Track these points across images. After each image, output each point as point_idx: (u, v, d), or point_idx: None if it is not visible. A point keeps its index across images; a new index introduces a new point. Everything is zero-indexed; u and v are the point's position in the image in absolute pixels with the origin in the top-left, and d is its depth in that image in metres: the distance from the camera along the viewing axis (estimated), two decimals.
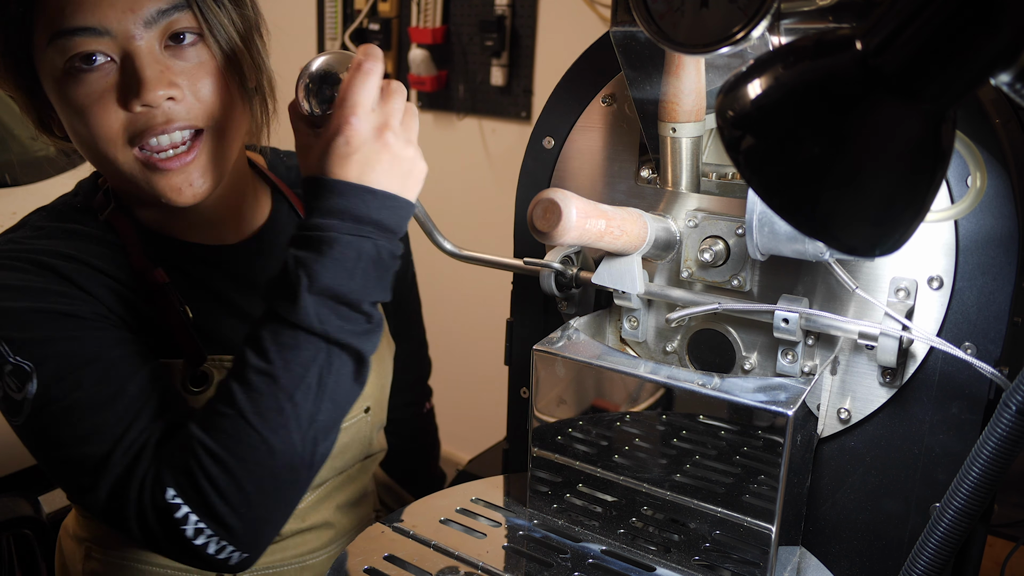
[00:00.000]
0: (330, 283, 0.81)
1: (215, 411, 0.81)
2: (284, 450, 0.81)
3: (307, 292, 0.80)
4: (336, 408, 0.84)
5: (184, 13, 0.90)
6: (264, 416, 0.80)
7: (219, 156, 0.95)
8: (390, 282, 0.86)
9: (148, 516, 0.81)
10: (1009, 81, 0.52)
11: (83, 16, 0.85)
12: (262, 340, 0.81)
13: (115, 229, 1.00)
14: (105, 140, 0.90)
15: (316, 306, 0.80)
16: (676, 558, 0.88)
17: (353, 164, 0.82)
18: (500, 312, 1.13)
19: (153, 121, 0.89)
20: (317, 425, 0.82)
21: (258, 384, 0.80)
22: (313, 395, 0.81)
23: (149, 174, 0.91)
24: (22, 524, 1.48)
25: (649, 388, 0.87)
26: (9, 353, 0.87)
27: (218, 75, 0.93)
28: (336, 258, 0.81)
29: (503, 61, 2.57)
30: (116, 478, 0.83)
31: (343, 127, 0.82)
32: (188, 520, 0.80)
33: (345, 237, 0.81)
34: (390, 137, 0.83)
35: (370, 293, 0.83)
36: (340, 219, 0.81)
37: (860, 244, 0.57)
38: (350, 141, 0.81)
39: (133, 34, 0.87)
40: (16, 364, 0.86)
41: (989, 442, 0.67)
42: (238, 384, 0.81)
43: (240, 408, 0.80)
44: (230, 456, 0.80)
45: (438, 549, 0.91)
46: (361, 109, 0.82)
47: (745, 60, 0.65)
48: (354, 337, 0.82)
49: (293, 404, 0.80)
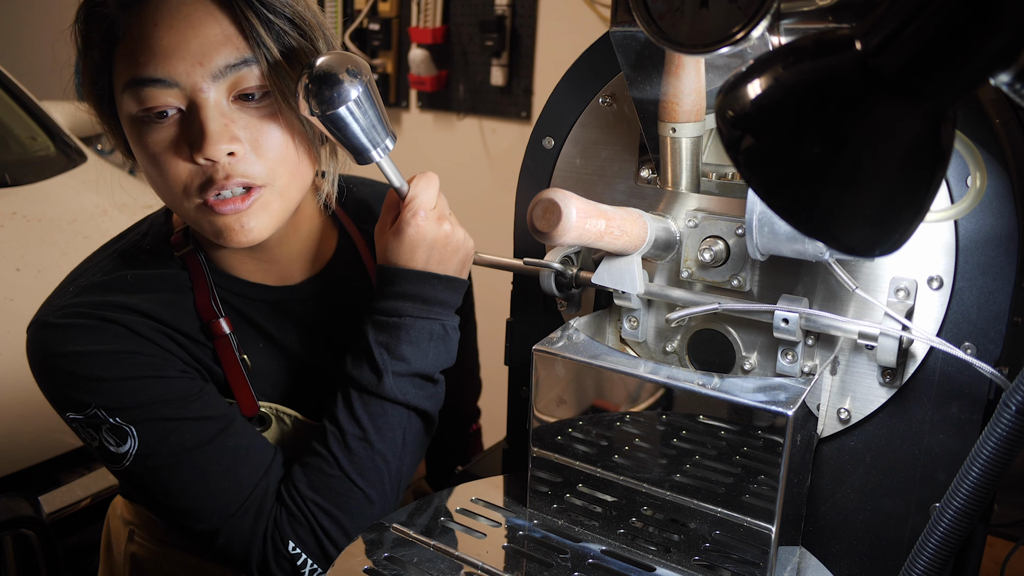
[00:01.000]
0: (409, 363, 0.99)
1: (323, 473, 0.99)
2: (379, 498, 1.00)
3: (391, 371, 0.98)
4: (414, 458, 1.03)
5: (252, 68, 0.92)
6: (365, 475, 0.99)
7: (277, 206, 0.98)
8: (455, 351, 1.03)
9: (270, 562, 0.99)
10: (1009, 81, 0.52)
11: (154, 68, 0.89)
12: (355, 410, 0.99)
13: (188, 269, 1.05)
14: (173, 188, 0.95)
15: (398, 382, 0.99)
16: (676, 558, 0.88)
17: (420, 254, 0.97)
18: (500, 312, 1.13)
19: (216, 175, 0.92)
20: (402, 474, 1.02)
21: (357, 449, 0.99)
22: (399, 451, 1.01)
23: (209, 217, 0.95)
24: (22, 524, 1.48)
25: (649, 388, 0.87)
26: (107, 417, 0.95)
27: (283, 131, 0.96)
28: (412, 340, 0.99)
29: (503, 61, 2.57)
30: (236, 531, 0.98)
31: (412, 221, 0.96)
32: (306, 564, 0.99)
33: (418, 321, 0.99)
34: (447, 227, 0.99)
35: (439, 364, 1.01)
36: (412, 302, 0.98)
37: (860, 244, 0.57)
38: (418, 234, 0.96)
39: (200, 87, 0.90)
40: (115, 424, 0.95)
41: (989, 442, 0.67)
42: (340, 449, 0.99)
43: (345, 471, 0.99)
44: (339, 511, 0.99)
45: (438, 549, 0.91)
46: (426, 207, 0.97)
47: (745, 60, 0.65)
48: (426, 401, 1.02)
49: (386, 462, 1.00)
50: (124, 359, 0.96)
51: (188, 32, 0.89)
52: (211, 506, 0.97)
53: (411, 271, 0.98)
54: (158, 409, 0.96)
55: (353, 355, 1.01)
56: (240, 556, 0.99)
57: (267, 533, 0.98)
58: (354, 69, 0.89)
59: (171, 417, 0.96)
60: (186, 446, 0.96)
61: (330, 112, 0.88)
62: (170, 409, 0.96)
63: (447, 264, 1.00)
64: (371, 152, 0.94)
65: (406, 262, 0.98)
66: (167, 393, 0.96)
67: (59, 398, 0.98)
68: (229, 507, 0.97)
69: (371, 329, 1.00)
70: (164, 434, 0.96)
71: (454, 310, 1.02)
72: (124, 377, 0.95)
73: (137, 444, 0.95)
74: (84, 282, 1.02)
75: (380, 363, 0.98)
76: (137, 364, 0.96)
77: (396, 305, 0.99)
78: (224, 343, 1.03)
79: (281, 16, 0.94)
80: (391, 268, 0.99)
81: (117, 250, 1.07)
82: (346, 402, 1.00)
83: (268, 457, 1.01)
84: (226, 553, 0.99)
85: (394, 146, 0.96)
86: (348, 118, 0.90)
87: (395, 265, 0.99)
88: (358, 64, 0.90)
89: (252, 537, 0.98)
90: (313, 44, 0.97)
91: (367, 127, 0.92)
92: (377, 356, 0.98)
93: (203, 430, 0.97)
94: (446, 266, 1.00)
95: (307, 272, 1.12)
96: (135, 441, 0.95)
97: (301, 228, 1.09)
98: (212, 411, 0.99)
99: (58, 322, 0.97)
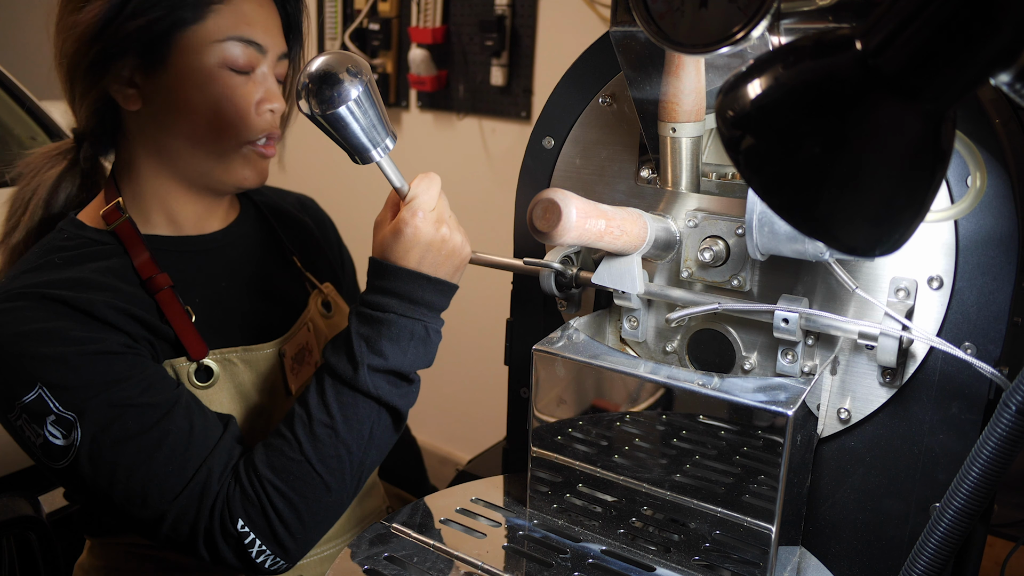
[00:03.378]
0: (386, 359, 0.99)
1: (283, 455, 0.99)
2: (338, 488, 1.00)
3: (367, 365, 0.98)
4: (380, 453, 1.03)
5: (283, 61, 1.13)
6: (326, 463, 0.99)
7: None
8: (434, 353, 1.04)
9: (218, 542, 0.98)
10: (1009, 81, 0.52)
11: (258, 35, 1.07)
12: (326, 397, 1.00)
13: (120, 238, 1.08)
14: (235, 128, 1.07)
15: (373, 377, 0.99)
16: (676, 558, 0.88)
17: (413, 254, 0.98)
18: (500, 312, 1.13)
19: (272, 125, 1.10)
20: (364, 467, 1.02)
21: (322, 435, 0.99)
22: (364, 444, 1.00)
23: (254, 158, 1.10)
24: (22, 524, 1.48)
25: (649, 388, 0.87)
26: (54, 402, 0.95)
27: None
28: (392, 337, 0.99)
29: (503, 61, 2.57)
30: (183, 511, 0.97)
31: (410, 221, 0.97)
32: (254, 544, 0.98)
33: (401, 319, 0.99)
34: (445, 231, 0.99)
35: (417, 364, 1.01)
36: (399, 300, 0.99)
37: (860, 244, 0.57)
38: (415, 234, 0.97)
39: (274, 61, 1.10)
40: (59, 414, 0.95)
41: (989, 442, 0.67)
42: (305, 434, 0.99)
43: (307, 455, 0.98)
44: (295, 494, 0.98)
45: (438, 549, 0.91)
46: (425, 208, 0.98)
47: (745, 60, 0.65)
48: (399, 399, 1.02)
49: (349, 452, 1.00)
50: (66, 334, 0.96)
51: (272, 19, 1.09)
52: (156, 491, 0.96)
53: (402, 269, 0.99)
54: (102, 391, 0.95)
55: (333, 342, 1.02)
56: (187, 536, 0.98)
57: (214, 510, 0.98)
58: (354, 69, 0.89)
59: (115, 403, 0.96)
60: (129, 432, 0.96)
61: (330, 112, 0.88)
62: (115, 392, 0.96)
63: (440, 267, 1.00)
64: (371, 152, 0.94)
65: (398, 259, 0.99)
66: (110, 371, 0.97)
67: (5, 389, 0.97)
68: (174, 489, 0.97)
69: (355, 319, 1.01)
70: (108, 421, 0.95)
71: (440, 313, 1.03)
72: (67, 352, 0.95)
73: (81, 434, 0.95)
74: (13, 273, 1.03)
75: (358, 354, 0.99)
76: (80, 338, 0.96)
77: (382, 300, 0.99)
78: (167, 295, 1.06)
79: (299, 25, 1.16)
80: (383, 262, 1.00)
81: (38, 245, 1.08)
82: (319, 388, 1.01)
83: (214, 438, 1.01)
84: (174, 536, 0.98)
85: (394, 146, 0.96)
86: (348, 118, 0.90)
87: (388, 261, 1.00)
88: (358, 64, 0.90)
89: (198, 516, 0.97)
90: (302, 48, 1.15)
91: (367, 127, 0.92)
92: (356, 347, 0.99)
93: (146, 416, 0.97)
94: (438, 269, 1.00)
95: (225, 221, 1.19)
96: (79, 432, 0.95)
97: None
98: (157, 397, 0.99)
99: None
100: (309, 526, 0.99)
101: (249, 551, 0.98)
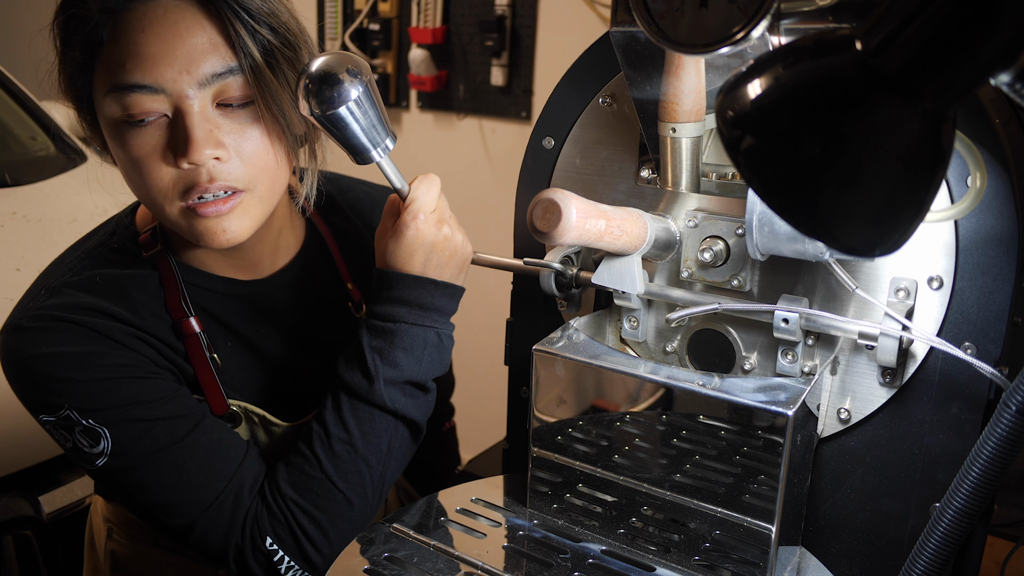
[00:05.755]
0: (401, 370, 0.98)
1: (305, 473, 0.99)
2: (360, 502, 1.00)
3: (382, 378, 0.98)
4: (399, 464, 1.03)
5: (237, 76, 0.93)
6: (346, 479, 0.99)
7: (256, 210, 0.99)
8: (448, 360, 1.03)
9: (246, 554, 0.99)
10: (1009, 81, 0.52)
11: (141, 74, 0.90)
12: (343, 413, 0.99)
13: (157, 269, 1.05)
14: (155, 192, 0.95)
15: (389, 390, 0.98)
16: (676, 558, 0.88)
17: (418, 257, 0.97)
18: (500, 312, 1.13)
19: (199, 179, 0.93)
20: (385, 479, 1.02)
21: (341, 452, 0.99)
22: (383, 457, 1.01)
23: (190, 220, 0.96)
24: (22, 524, 1.48)
25: (649, 388, 0.87)
26: (79, 418, 0.95)
27: (265, 136, 0.97)
28: (405, 348, 0.98)
29: (503, 61, 2.57)
30: (214, 521, 0.98)
31: (411, 223, 0.96)
32: (283, 561, 0.99)
33: (412, 328, 0.98)
34: (447, 231, 0.98)
35: (431, 372, 1.01)
36: (408, 307, 0.98)
37: (860, 244, 0.57)
38: (417, 236, 0.96)
39: (186, 94, 0.91)
40: (88, 426, 0.96)
41: (989, 442, 0.67)
42: (324, 452, 0.99)
43: (327, 473, 0.99)
44: (319, 512, 0.99)
45: (438, 549, 0.91)
46: (426, 210, 0.96)
47: (745, 60, 0.65)
48: (416, 409, 1.02)
49: (369, 466, 1.00)
50: (96, 360, 0.96)
51: (175, 40, 0.90)
52: (187, 500, 0.97)
53: (408, 275, 0.98)
54: (130, 410, 0.96)
55: (345, 357, 1.01)
56: (218, 547, 0.99)
57: (245, 526, 0.99)
58: (354, 69, 0.89)
59: (143, 418, 0.96)
60: (159, 445, 0.96)
61: (330, 112, 0.88)
62: (142, 410, 0.96)
63: (444, 268, 1.00)
64: (371, 152, 0.94)
65: (403, 265, 0.98)
66: (139, 394, 0.97)
67: (32, 401, 0.98)
68: (205, 500, 0.98)
69: (365, 333, 1.00)
70: (137, 435, 0.96)
71: (450, 317, 1.02)
72: (96, 378, 0.95)
73: (111, 445, 0.95)
74: (54, 283, 1.03)
75: (372, 368, 0.98)
76: (109, 365, 0.96)
77: (392, 310, 0.98)
78: (194, 342, 1.04)
79: (265, 25, 0.95)
80: (388, 272, 0.99)
81: (86, 250, 1.07)
82: (335, 404, 1.00)
83: (242, 450, 1.02)
84: (203, 545, 0.99)
85: (394, 146, 0.96)
86: (348, 118, 0.90)
87: (393, 268, 0.99)
88: (358, 64, 0.90)
89: (230, 528, 0.98)
90: (296, 52, 0.99)
91: (367, 127, 0.92)
92: (369, 361, 0.98)
93: (176, 428, 0.97)
94: (443, 270, 1.00)
95: (276, 265, 1.12)
96: (108, 442, 0.95)
97: (273, 224, 1.09)
98: (184, 409, 0.99)
99: (30, 325, 0.98)
100: (335, 540, 1.00)
101: (278, 567, 0.99)
